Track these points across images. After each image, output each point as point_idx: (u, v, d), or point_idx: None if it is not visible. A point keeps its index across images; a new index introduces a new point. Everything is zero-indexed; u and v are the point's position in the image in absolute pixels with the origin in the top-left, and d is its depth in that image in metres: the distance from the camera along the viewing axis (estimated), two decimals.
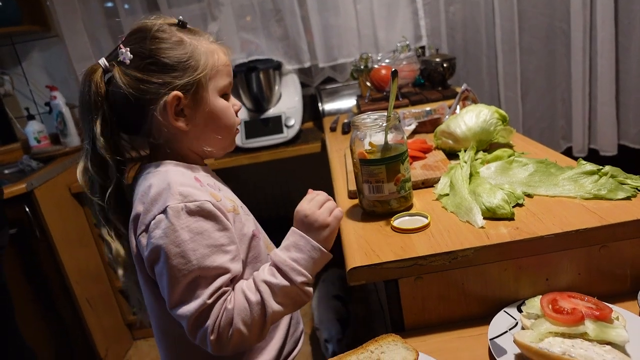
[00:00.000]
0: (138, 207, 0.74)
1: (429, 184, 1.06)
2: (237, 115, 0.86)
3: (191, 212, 0.71)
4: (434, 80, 1.84)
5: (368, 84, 1.83)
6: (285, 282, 0.73)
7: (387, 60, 1.80)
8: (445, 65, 1.79)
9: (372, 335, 0.77)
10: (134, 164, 0.84)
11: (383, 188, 0.93)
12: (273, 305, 0.72)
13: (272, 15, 2.28)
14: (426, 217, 0.89)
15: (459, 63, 2.10)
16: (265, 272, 0.75)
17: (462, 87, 1.40)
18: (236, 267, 0.74)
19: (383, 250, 0.81)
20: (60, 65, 2.36)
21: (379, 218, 0.94)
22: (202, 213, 0.72)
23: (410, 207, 0.97)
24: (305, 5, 2.22)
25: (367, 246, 0.84)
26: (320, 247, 0.75)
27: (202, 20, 2.33)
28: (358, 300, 2.23)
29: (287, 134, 2.09)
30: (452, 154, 1.20)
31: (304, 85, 2.36)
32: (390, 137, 0.92)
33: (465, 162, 1.00)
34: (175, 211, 0.70)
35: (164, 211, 0.71)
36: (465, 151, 1.08)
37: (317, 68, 2.36)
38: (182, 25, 0.81)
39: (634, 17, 2.14)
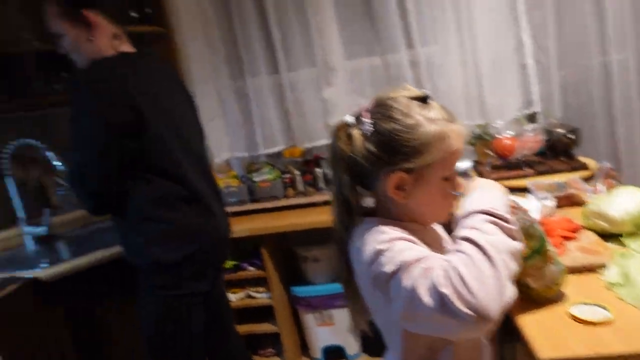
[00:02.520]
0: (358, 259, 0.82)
1: (591, 268, 1.06)
2: (458, 190, 0.87)
3: (391, 240, 0.77)
4: (557, 150, 1.85)
5: (488, 151, 1.88)
6: (483, 216, 0.75)
7: (509, 132, 1.84)
8: (571, 136, 1.80)
9: None
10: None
11: (544, 273, 0.95)
12: (483, 239, 0.71)
13: (384, 80, 2.41)
14: (605, 309, 0.90)
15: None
16: (458, 229, 0.76)
17: (604, 165, 1.40)
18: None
19: (571, 342, 0.83)
20: None
21: (548, 302, 0.96)
22: (397, 238, 0.78)
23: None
24: (419, 68, 2.33)
25: (550, 335, 0.86)
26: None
27: (316, 85, 2.49)
28: None
29: None
30: (603, 236, 1.20)
31: None
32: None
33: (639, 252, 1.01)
34: (382, 242, 0.77)
35: (375, 252, 0.77)
36: (628, 237, 1.08)
37: None
38: (424, 101, 0.84)
39: None
